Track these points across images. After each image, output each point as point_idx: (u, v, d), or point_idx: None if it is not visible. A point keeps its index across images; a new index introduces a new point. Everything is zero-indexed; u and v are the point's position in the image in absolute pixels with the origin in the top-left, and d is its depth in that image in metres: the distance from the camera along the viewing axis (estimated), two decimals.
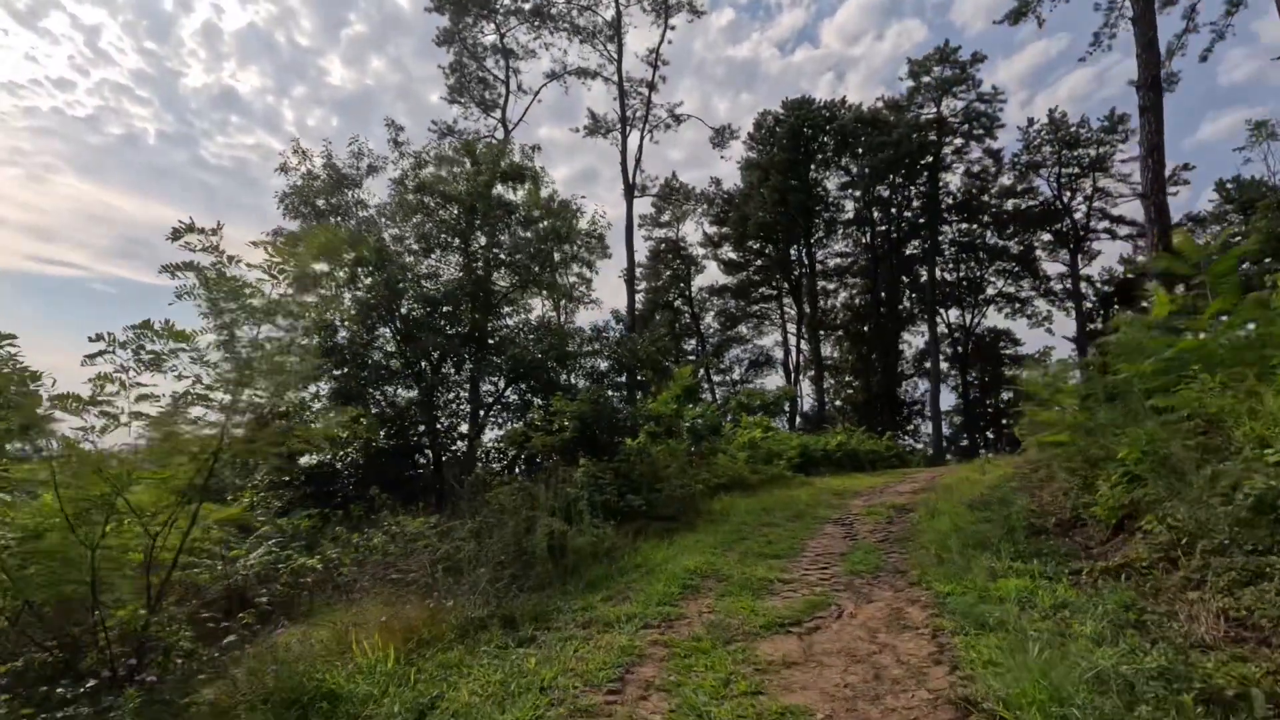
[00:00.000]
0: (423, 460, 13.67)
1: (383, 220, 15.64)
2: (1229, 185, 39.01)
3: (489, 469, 14.03)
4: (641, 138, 26.57)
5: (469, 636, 4.90)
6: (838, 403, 46.17)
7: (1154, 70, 13.21)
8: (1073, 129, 33.09)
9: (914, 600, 5.20)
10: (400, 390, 15.27)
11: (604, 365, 15.87)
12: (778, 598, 5.61)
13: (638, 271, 45.83)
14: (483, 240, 16.59)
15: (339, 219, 14.93)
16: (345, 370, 13.95)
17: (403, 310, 14.84)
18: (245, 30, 72.92)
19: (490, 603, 5.33)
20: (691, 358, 44.61)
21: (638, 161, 26.30)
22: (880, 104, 34.82)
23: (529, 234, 15.73)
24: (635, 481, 9.77)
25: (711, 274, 53.26)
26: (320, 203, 14.45)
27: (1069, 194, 35.24)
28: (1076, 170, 34.04)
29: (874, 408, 41.09)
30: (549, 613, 5.35)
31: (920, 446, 34.86)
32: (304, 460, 12.57)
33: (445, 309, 15.28)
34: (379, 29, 57.62)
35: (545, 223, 15.59)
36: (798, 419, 41.89)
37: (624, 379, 17.04)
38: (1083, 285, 36.68)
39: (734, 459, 16.43)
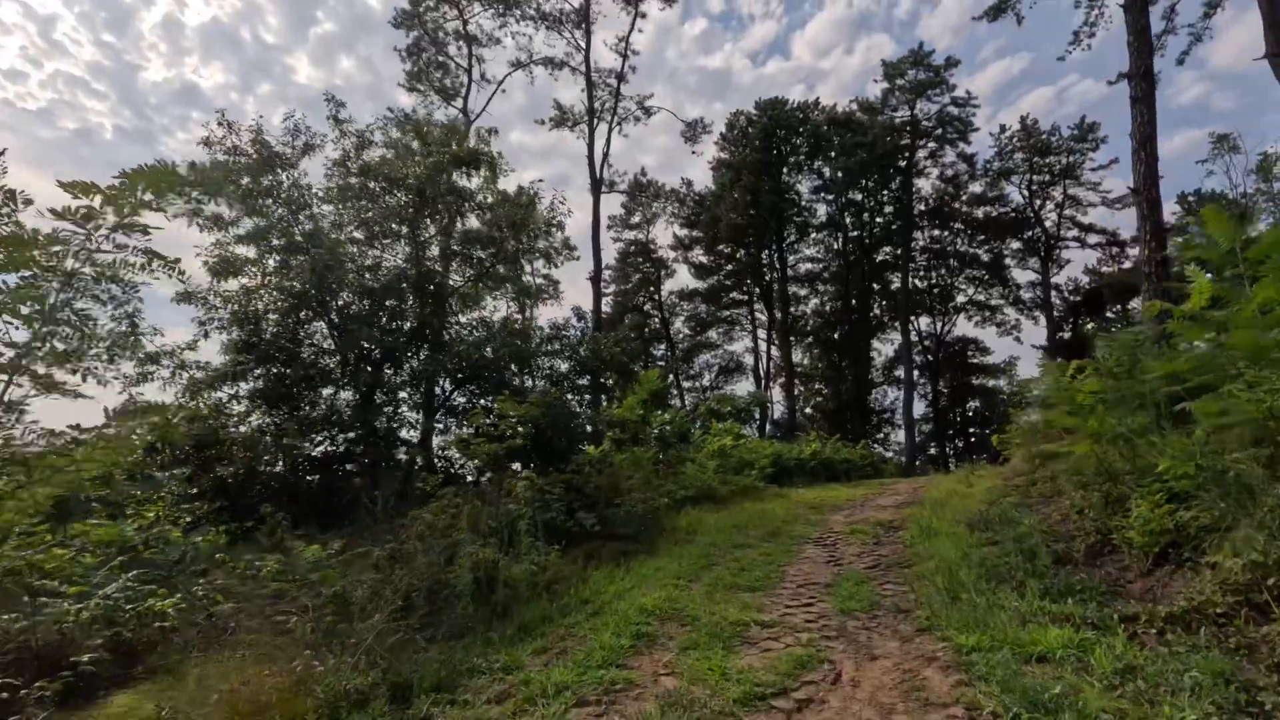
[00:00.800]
0: (355, 470, 12.22)
1: (318, 203, 14.16)
2: (1190, 198, 39.58)
3: (435, 480, 12.64)
4: (610, 130, 25.49)
5: (342, 717, 3.61)
6: (808, 410, 45.53)
7: (1146, 60, 12.55)
8: (1044, 136, 33.05)
9: (929, 657, 4.06)
10: (339, 392, 13.78)
11: (564, 367, 14.60)
12: (754, 649, 4.43)
13: (606, 274, 44.72)
14: (433, 230, 15.23)
15: (269, 201, 13.42)
16: (271, 368, 12.44)
17: (339, 302, 13.40)
18: (209, 25, 69.99)
19: (380, 664, 4.04)
20: (661, 363, 43.54)
21: (605, 156, 25.23)
22: (854, 106, 34.44)
23: (483, 223, 14.42)
24: (590, 496, 8.53)
25: (682, 278, 52.34)
26: (247, 181, 12.93)
27: (1040, 201, 35.20)
28: (1047, 177, 33.99)
29: (844, 415, 40.49)
30: (459, 676, 4.09)
31: (891, 455, 34.24)
32: (221, 470, 11.05)
33: (388, 303, 13.87)
34: (349, 28, 55.70)
35: (501, 209, 14.29)
36: (768, 426, 41.07)
37: (587, 382, 15.80)
38: (1052, 294, 36.63)
39: (703, 469, 15.30)
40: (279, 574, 6.17)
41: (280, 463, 11.12)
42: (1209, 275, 6.77)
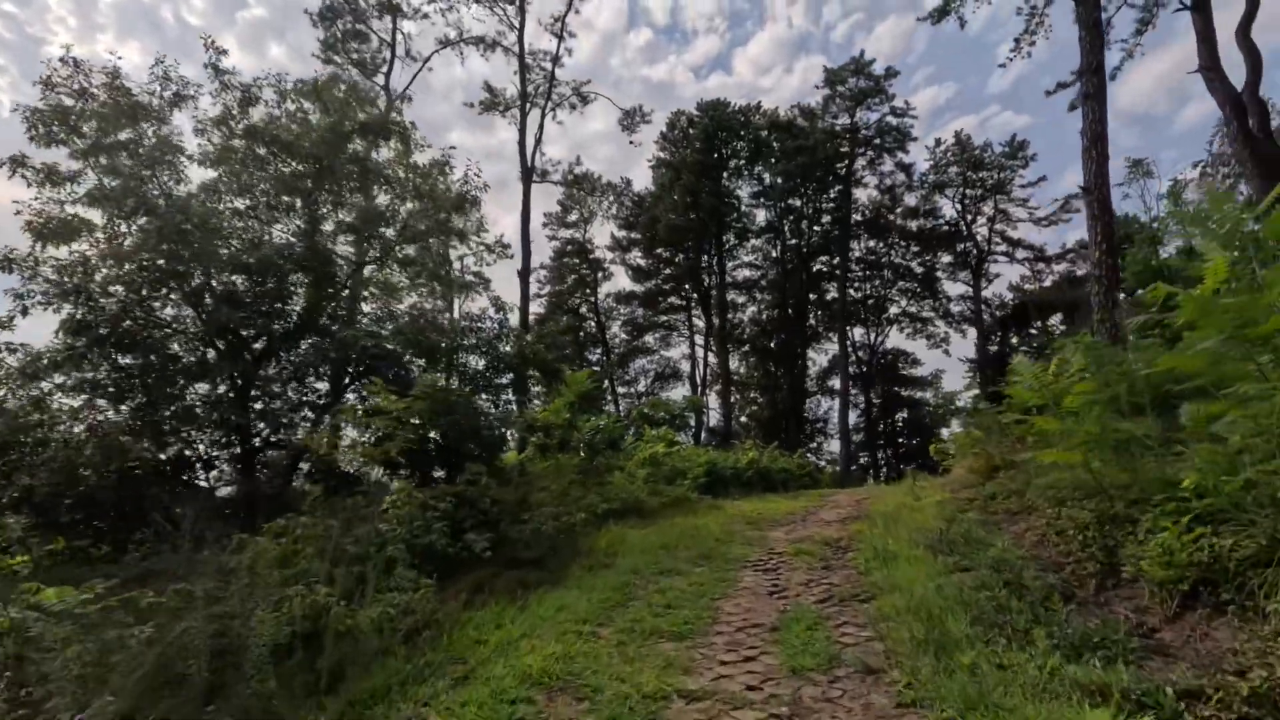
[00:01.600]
0: (204, 478, 10.20)
1: (190, 164, 12.09)
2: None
3: (315, 491, 10.75)
4: (543, 116, 23.96)
5: None
6: (743, 419, 45.03)
7: (1098, 55, 12.10)
8: (977, 151, 33.66)
9: None
10: (215, 387, 11.69)
11: (480, 363, 12.95)
12: None
13: (541, 274, 42.98)
14: (331, 205, 13.32)
15: (125, 157, 11.27)
16: (114, 355, 10.31)
17: (209, 281, 11.37)
18: (126, 1, 64.17)
19: None
20: (596, 368, 42.09)
21: (538, 142, 23.66)
22: (795, 112, 34.11)
23: (387, 197, 12.66)
24: (486, 512, 7.00)
25: (619, 281, 51.20)
26: (90, 128, 10.79)
27: (971, 215, 35.84)
28: (979, 192, 34.62)
29: (779, 424, 40.09)
30: None
31: (825, 464, 33.88)
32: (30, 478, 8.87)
33: (270, 283, 11.92)
34: (279, 15, 51.98)
35: (408, 180, 12.56)
36: (704, 434, 40.22)
37: (508, 380, 14.17)
38: (982, 308, 37.33)
39: (632, 478, 13.97)
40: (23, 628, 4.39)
41: (111, 469, 9.03)
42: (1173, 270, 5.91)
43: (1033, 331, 44.93)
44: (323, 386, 12.19)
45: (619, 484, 13.50)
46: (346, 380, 11.30)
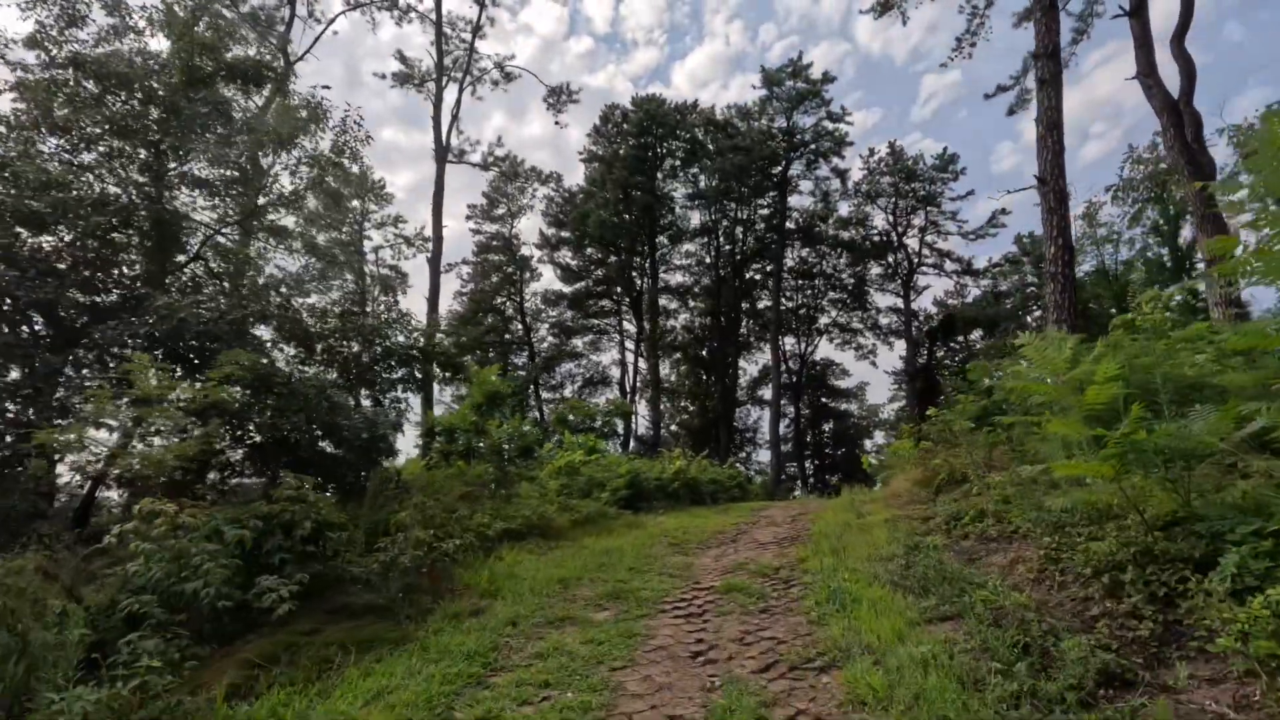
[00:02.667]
0: None
1: None
2: (1025, 239, 42.76)
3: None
4: (461, 91, 21.85)
5: None
6: (673, 427, 43.84)
7: (1054, 38, 11.36)
8: (909, 162, 33.79)
9: None
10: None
11: (354, 347, 10.84)
12: None
13: (464, 271, 40.42)
14: (181, 155, 10.96)
15: None
16: None
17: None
18: None
19: None
20: (521, 373, 39.89)
21: (455, 118, 21.49)
22: (732, 112, 33.27)
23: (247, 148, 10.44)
24: (313, 541, 5.09)
25: (549, 282, 49.11)
26: None
27: (903, 226, 35.99)
28: (912, 202, 34.76)
29: (710, 433, 39.08)
30: None
31: (755, 474, 32.96)
32: None
33: (91, 245, 9.53)
34: None
35: (269, 125, 10.39)
36: (632, 442, 38.68)
37: (400, 375, 12.08)
38: (911, 321, 37.54)
39: (543, 490, 12.19)
40: None
41: None
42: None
43: (954, 345, 46.04)
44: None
45: (527, 496, 11.75)
46: (178, 371, 9.00)
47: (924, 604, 4.68)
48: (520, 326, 40.37)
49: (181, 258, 11.39)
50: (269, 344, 10.86)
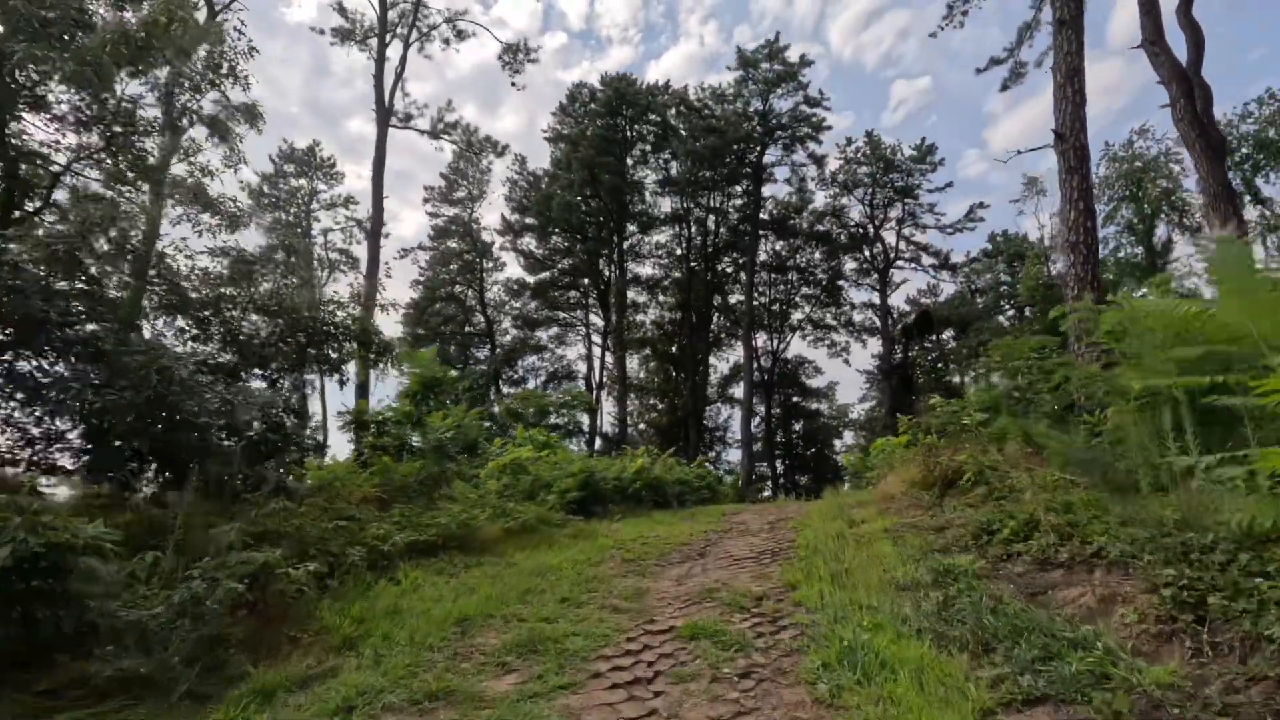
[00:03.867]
0: None
1: None
2: (999, 237, 42.12)
3: None
4: (406, 47, 19.71)
5: None
6: (641, 426, 42.19)
7: None
8: (887, 152, 32.64)
9: None
10: None
11: (233, 313, 8.84)
12: None
13: (422, 259, 38.07)
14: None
15: None
16: None
17: None
18: None
19: None
20: (483, 367, 37.79)
21: (399, 78, 19.37)
22: (706, 94, 31.66)
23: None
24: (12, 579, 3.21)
25: (513, 273, 47.06)
26: None
27: (880, 218, 34.85)
28: (890, 193, 33.61)
29: (678, 432, 37.50)
30: None
31: (725, 475, 31.43)
32: None
33: None
34: None
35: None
36: (598, 440, 36.88)
37: (308, 354, 10.09)
38: (888, 314, 36.49)
39: (479, 491, 10.37)
40: None
41: None
42: None
43: (927, 345, 45.18)
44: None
45: (462, 499, 9.94)
46: None
47: (992, 672, 3.03)
48: (482, 319, 38.22)
49: (33, 205, 9.27)
50: (148, 315, 8.88)
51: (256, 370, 9.18)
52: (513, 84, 23.22)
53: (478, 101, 62.15)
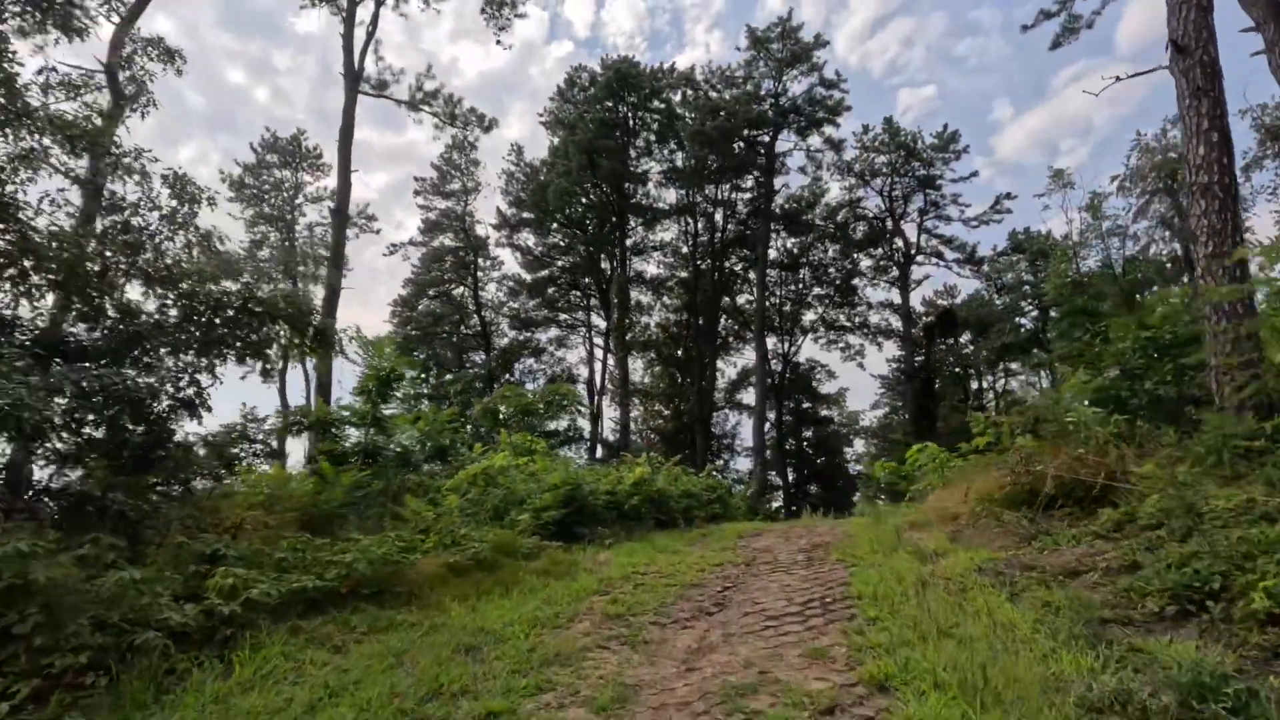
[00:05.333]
0: None
1: None
2: (1020, 235, 39.78)
3: None
4: (379, 4, 17.68)
5: None
6: (647, 432, 39.97)
7: None
8: (908, 138, 30.44)
9: None
10: None
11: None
12: None
13: (414, 255, 36.00)
14: None
15: None
16: None
17: None
18: None
19: None
20: (480, 370, 35.67)
21: (371, 38, 17.28)
22: (715, 78, 29.52)
23: None
24: None
25: (510, 270, 45.11)
26: None
27: (900, 210, 32.59)
28: (910, 182, 31.33)
29: (684, 439, 35.27)
30: None
31: (733, 482, 29.15)
32: None
33: None
34: None
35: None
36: (599, 448, 34.67)
37: (216, 337, 7.95)
38: (900, 315, 34.19)
39: (437, 509, 8.27)
40: None
41: None
42: None
43: (945, 346, 42.75)
44: None
45: (414, 517, 7.92)
46: None
47: None
48: (477, 319, 36.14)
49: None
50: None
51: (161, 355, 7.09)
52: (497, 42, 21.14)
53: (486, 111, 61.00)
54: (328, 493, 8.79)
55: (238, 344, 8.04)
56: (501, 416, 13.64)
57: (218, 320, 7.85)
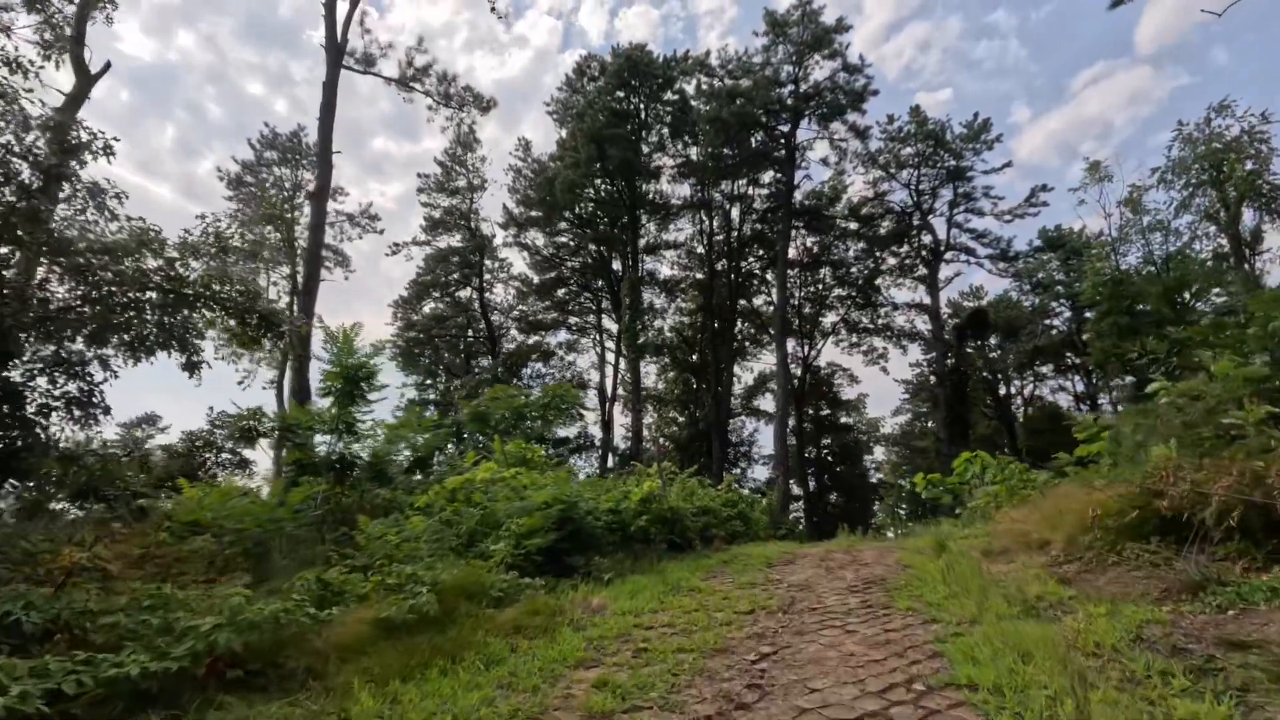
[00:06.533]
0: None
1: None
2: (1051, 232, 37.64)
3: None
4: None
5: None
6: (661, 440, 38.24)
7: None
8: (936, 128, 28.58)
9: None
10: None
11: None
12: None
13: (418, 256, 34.70)
14: None
15: None
16: None
17: None
18: None
19: None
20: (486, 376, 34.20)
21: (355, 6, 15.85)
22: (731, 64, 27.91)
23: None
24: None
25: (518, 270, 43.79)
26: None
27: (928, 203, 30.67)
28: (940, 173, 29.42)
29: (699, 446, 33.52)
30: None
31: (759, 496, 27.35)
32: None
33: None
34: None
35: None
36: (610, 457, 33.02)
37: (114, 321, 6.45)
38: (930, 317, 32.22)
39: (399, 534, 6.70)
40: None
41: None
42: None
43: (973, 348, 40.45)
44: None
45: (368, 545, 6.41)
46: None
47: None
48: (483, 322, 34.71)
49: None
50: None
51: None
52: (492, 9, 19.86)
53: (499, 120, 60.21)
54: (270, 514, 7.29)
55: (150, 331, 6.54)
56: (493, 422, 12.05)
57: (123, 302, 6.36)
